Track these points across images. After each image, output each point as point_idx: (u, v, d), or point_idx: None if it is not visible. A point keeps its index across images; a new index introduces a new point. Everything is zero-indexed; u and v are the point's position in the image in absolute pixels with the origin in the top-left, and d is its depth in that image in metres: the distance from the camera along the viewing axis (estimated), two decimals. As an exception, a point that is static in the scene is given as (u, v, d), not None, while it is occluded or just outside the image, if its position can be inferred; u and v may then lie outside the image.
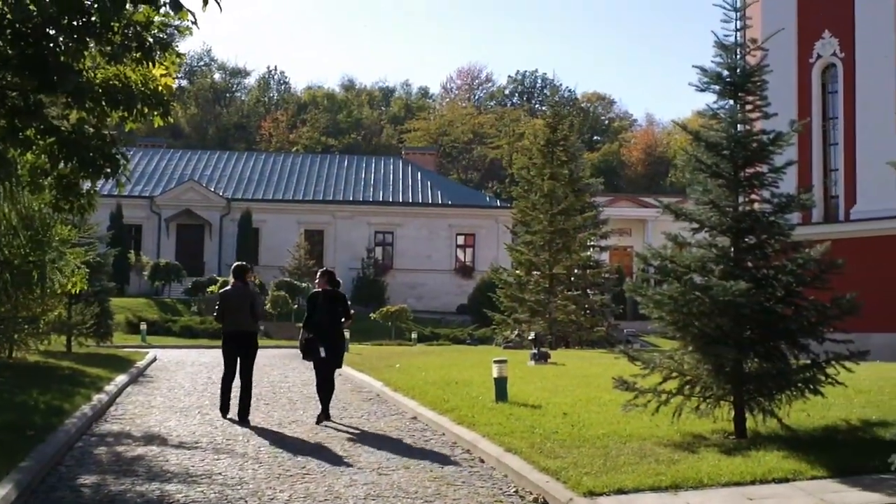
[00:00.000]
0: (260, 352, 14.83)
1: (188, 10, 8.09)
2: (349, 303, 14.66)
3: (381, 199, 55.48)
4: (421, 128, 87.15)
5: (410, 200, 55.48)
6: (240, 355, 13.93)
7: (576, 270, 36.92)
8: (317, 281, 14.47)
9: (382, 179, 57.51)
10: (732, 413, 10.85)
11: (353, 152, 72.13)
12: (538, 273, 36.27)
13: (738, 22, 11.40)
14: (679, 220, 11.46)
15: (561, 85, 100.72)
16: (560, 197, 36.27)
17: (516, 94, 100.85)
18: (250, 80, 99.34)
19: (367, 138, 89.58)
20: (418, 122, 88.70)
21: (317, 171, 57.94)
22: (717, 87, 11.29)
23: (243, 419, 13.46)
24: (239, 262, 14.86)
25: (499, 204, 56.50)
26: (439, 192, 56.58)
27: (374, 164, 59.60)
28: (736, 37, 11.33)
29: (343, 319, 14.17)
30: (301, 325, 14.43)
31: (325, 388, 13.88)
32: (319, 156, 64.10)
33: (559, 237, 35.80)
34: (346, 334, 16.64)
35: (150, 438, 12.02)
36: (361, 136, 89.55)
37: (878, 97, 27.41)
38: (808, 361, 10.71)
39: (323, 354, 13.74)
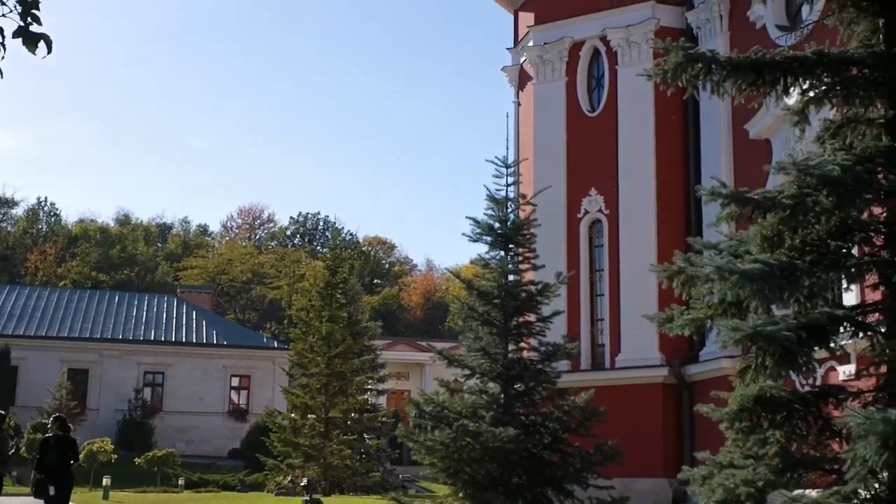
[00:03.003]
0: (13, 500, 14.23)
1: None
2: (78, 447, 17.20)
3: (152, 337, 53.60)
4: (198, 266, 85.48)
5: (184, 340, 53.89)
6: None
7: (352, 414, 36.59)
8: (49, 426, 16.43)
9: (155, 317, 55.68)
10: (501, 561, 10.86)
11: (125, 289, 69.60)
12: (314, 417, 35.72)
13: (510, 178, 11.96)
14: (452, 366, 11.64)
15: (343, 228, 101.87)
16: (338, 340, 36.18)
17: (298, 236, 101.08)
18: (18, 211, 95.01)
19: (140, 275, 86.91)
20: (196, 259, 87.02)
21: (84, 307, 55.48)
22: (489, 239, 11.74)
23: None
24: None
25: (276, 345, 55.73)
26: (214, 332, 55.28)
27: (146, 302, 57.70)
28: (507, 191, 11.86)
29: (71, 462, 15.84)
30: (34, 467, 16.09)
31: None
32: (88, 291, 61.49)
33: (336, 380, 35.54)
34: (106, 481, 16.72)
35: None
36: (135, 273, 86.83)
37: (638, 252, 29.13)
38: (574, 508, 10.94)
39: (52, 493, 15.18)
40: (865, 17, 10.27)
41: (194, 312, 56.90)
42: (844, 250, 9.27)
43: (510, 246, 11.92)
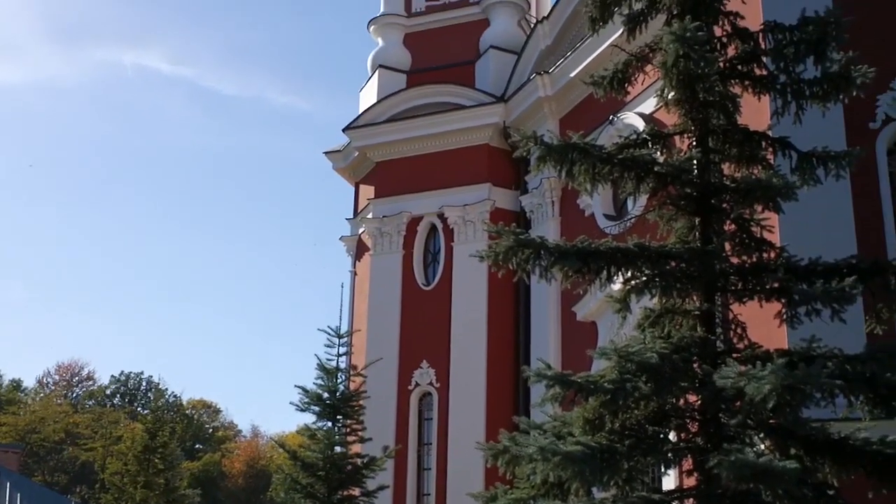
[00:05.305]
0: None
1: None
2: None
3: (-52, 499, 49.71)
4: (8, 423, 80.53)
5: (-16, 503, 50.19)
6: None
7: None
8: None
9: (-46, 477, 51.81)
10: None
11: (-77, 446, 64.73)
12: (120, 591, 33.56)
13: (342, 348, 11.95)
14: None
15: (167, 389, 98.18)
16: (153, 507, 34.48)
17: (118, 395, 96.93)
18: None
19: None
20: (6, 416, 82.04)
21: None
22: (317, 409, 11.60)
23: None
24: None
25: (85, 511, 52.55)
26: (18, 495, 51.56)
27: (-54, 460, 53.76)
28: (338, 361, 11.83)
29: None
30: None
31: None
32: None
33: (146, 551, 33.67)
34: None
35: None
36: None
37: (467, 426, 29.12)
38: None
39: None
40: (683, 216, 10.98)
41: (-2, 473, 53.28)
42: (662, 435, 9.58)
43: (338, 417, 11.83)
